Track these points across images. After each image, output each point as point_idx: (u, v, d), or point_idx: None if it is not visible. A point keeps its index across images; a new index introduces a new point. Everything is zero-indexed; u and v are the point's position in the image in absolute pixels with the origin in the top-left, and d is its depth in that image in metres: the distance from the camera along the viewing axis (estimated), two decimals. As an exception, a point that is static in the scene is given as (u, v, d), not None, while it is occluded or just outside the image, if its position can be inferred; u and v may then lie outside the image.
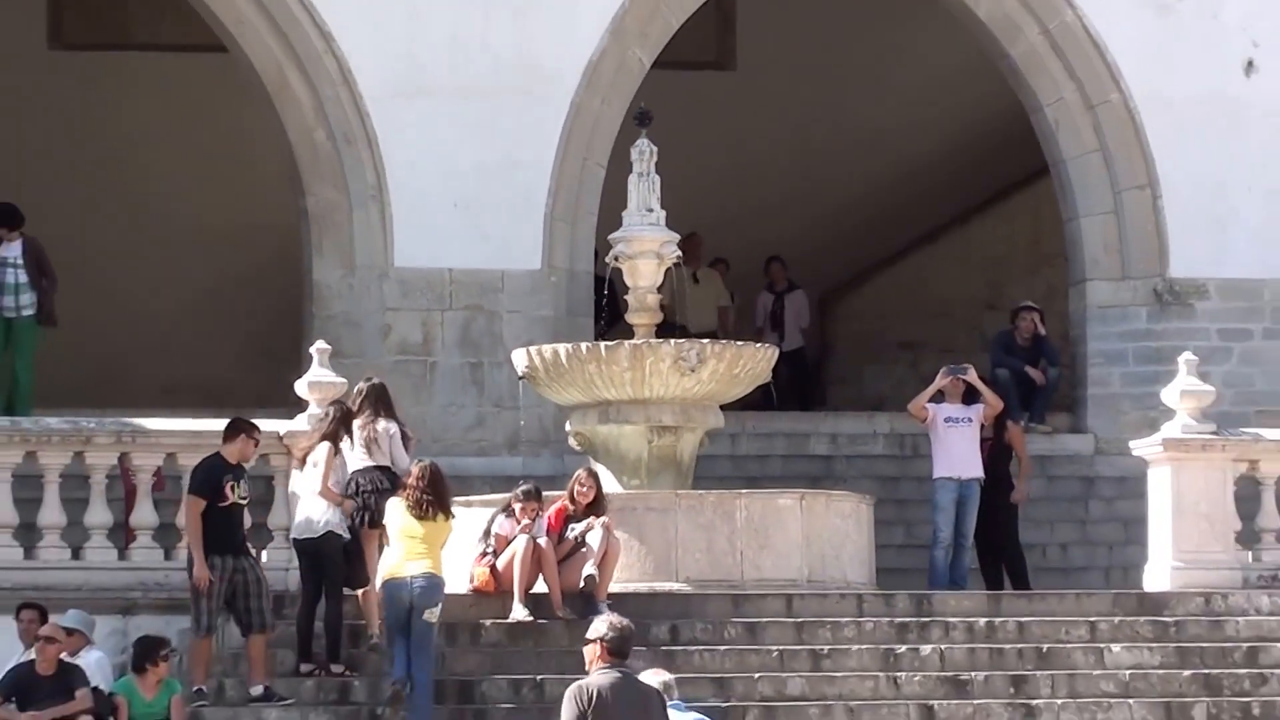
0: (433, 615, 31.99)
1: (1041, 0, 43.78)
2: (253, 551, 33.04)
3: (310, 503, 32.97)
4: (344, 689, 32.79)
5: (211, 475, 32.61)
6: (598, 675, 23.69)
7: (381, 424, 34.16)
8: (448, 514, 32.58)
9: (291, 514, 33.95)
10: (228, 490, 32.44)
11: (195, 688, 30.85)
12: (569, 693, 23.61)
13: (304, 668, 33.01)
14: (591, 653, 23.96)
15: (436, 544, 32.52)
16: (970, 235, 47.63)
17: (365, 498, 33.68)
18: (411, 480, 32.46)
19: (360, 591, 33.76)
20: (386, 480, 33.66)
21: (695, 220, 40.38)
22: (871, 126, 47.80)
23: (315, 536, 33.05)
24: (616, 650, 24.12)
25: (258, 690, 31.46)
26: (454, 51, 41.96)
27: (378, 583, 32.54)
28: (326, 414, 33.85)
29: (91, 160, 45.62)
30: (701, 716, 26.80)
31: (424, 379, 38.90)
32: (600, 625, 24.53)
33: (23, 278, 39.89)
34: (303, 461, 33.47)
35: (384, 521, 32.78)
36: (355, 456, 33.79)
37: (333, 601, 33.12)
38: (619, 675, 23.70)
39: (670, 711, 24.98)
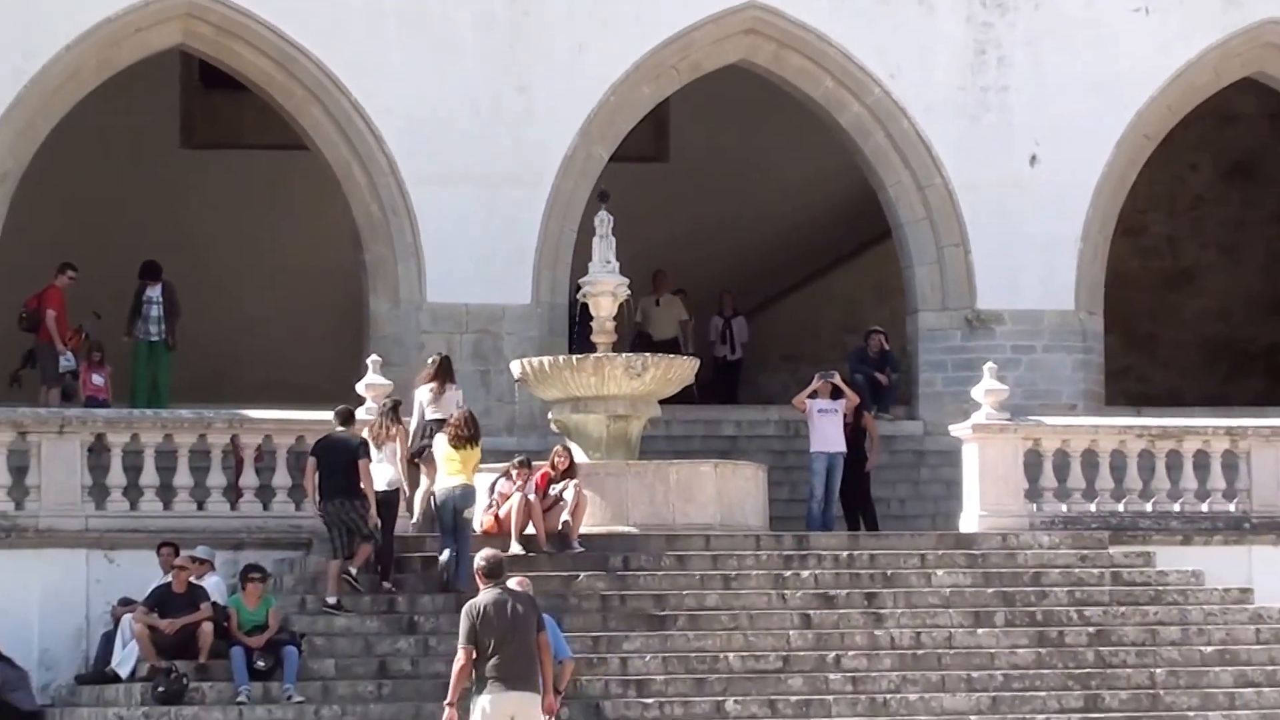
0: (470, 513, 33.82)
1: (885, 111, 43.88)
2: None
3: (381, 469, 33.72)
4: (391, 602, 33.46)
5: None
6: (482, 594, 24.97)
7: (450, 391, 36.06)
8: (477, 445, 33.88)
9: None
10: None
11: (327, 598, 31.74)
12: (463, 610, 25.19)
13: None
14: (478, 578, 25.50)
15: (470, 465, 34.10)
16: (836, 278, 47.61)
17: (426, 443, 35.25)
18: (452, 421, 33.96)
19: None
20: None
21: (642, 267, 40.82)
22: (767, 202, 47.76)
23: (388, 489, 33.92)
24: (490, 574, 25.60)
25: (332, 600, 32.02)
26: (469, 150, 42.02)
27: (431, 493, 34.70)
28: (383, 406, 34.75)
29: (213, 223, 45.52)
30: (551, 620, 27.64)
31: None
32: (478, 559, 25.96)
33: (160, 313, 40.85)
34: (377, 441, 34.04)
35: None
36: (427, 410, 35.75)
37: (388, 536, 33.76)
38: (497, 592, 25.04)
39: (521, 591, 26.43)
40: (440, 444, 34.33)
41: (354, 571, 33.22)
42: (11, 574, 33.28)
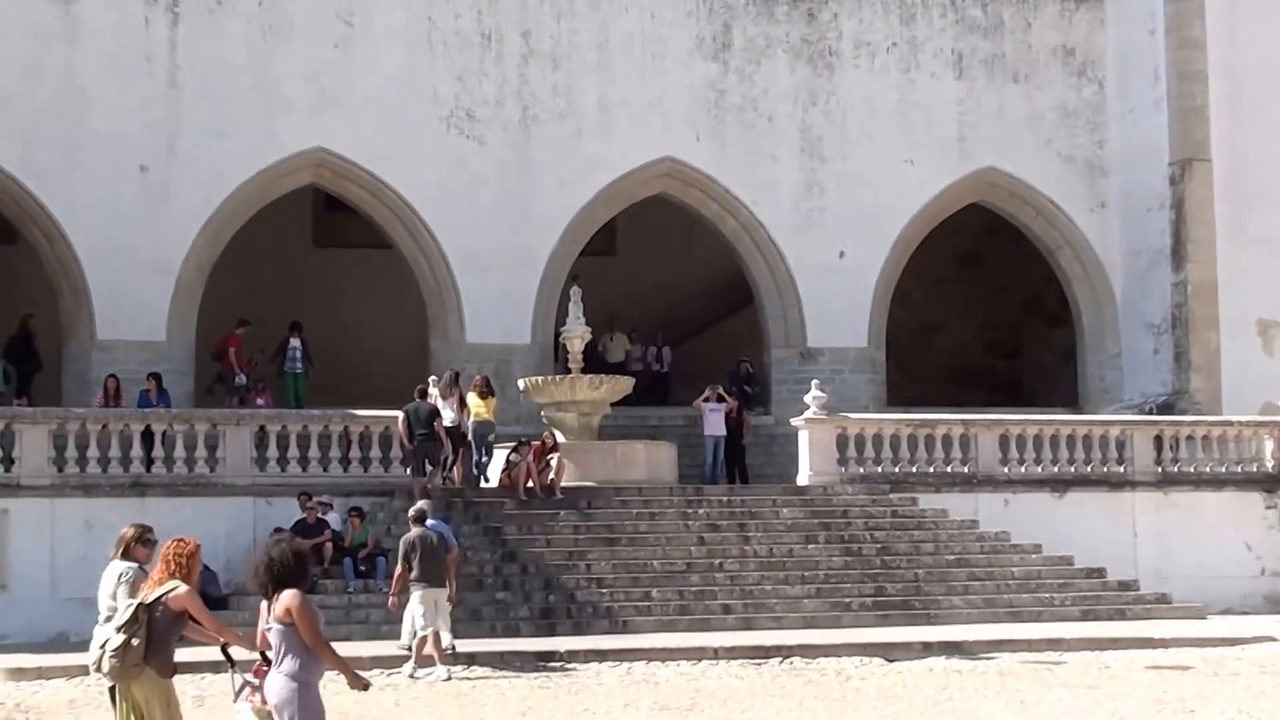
0: (493, 438, 35.10)
1: (750, 225, 43.56)
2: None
3: (446, 414, 34.31)
4: (452, 492, 33.78)
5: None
6: (412, 531, 27.65)
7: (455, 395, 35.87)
8: (494, 397, 35.68)
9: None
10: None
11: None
12: (400, 541, 27.82)
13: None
14: (410, 523, 27.86)
15: (490, 409, 35.39)
16: (725, 327, 47.05)
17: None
18: (476, 382, 35.74)
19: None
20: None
21: (600, 318, 40.56)
22: (679, 278, 47.40)
23: (451, 426, 34.38)
24: (418, 520, 27.90)
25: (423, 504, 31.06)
26: (491, 248, 41.69)
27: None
28: (447, 377, 36.11)
29: (334, 294, 45.32)
30: (444, 525, 29.03)
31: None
32: (411, 511, 28.35)
33: (300, 354, 40.66)
34: (444, 395, 35.36)
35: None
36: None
37: (456, 450, 35.20)
38: (421, 530, 27.64)
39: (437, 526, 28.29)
40: (472, 398, 35.36)
41: (429, 485, 33.55)
42: (206, 513, 33.02)
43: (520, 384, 38.35)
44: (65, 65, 39.96)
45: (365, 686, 13.79)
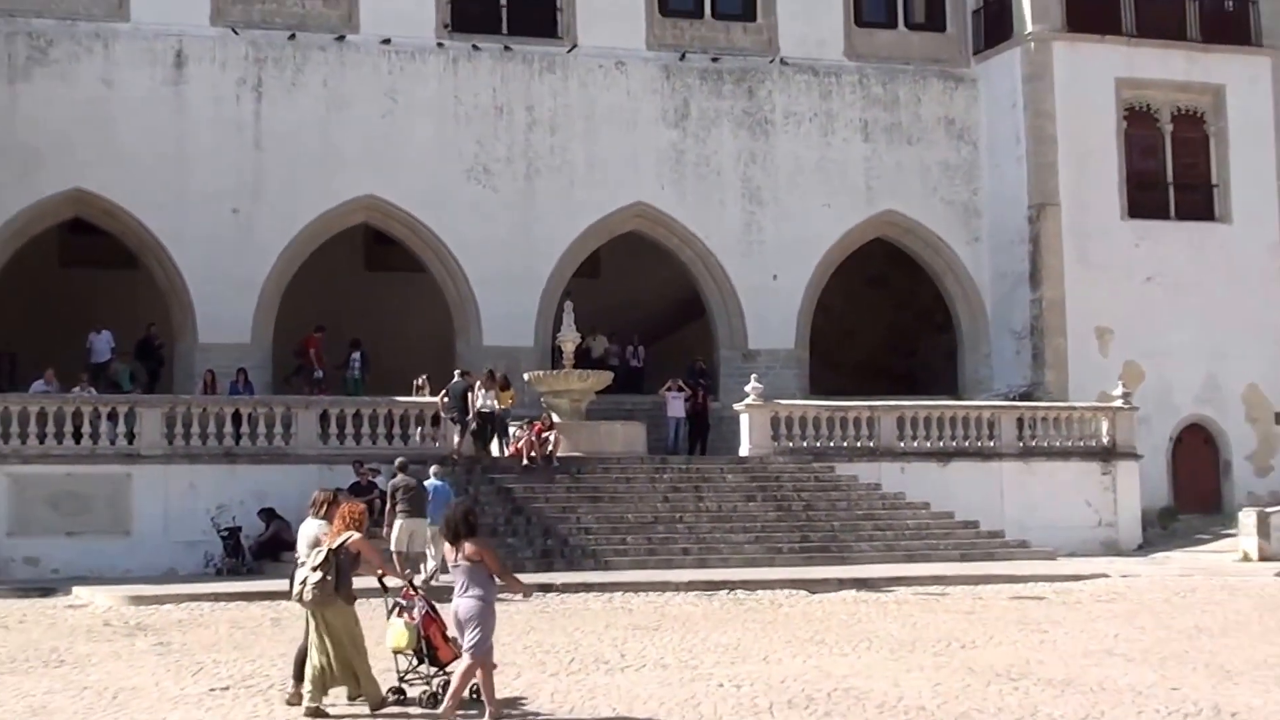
0: (508, 421, 35.50)
1: (703, 253, 43.29)
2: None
3: (484, 400, 34.50)
4: (472, 459, 33.11)
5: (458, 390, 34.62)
6: (397, 478, 28.86)
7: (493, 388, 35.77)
8: (510, 389, 35.56)
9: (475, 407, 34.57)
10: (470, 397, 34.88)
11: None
12: (389, 485, 29.23)
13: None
14: (397, 478, 28.87)
15: (506, 399, 35.16)
16: (683, 333, 46.36)
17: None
18: (498, 378, 35.76)
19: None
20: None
21: (587, 325, 40.25)
22: (649, 294, 46.80)
23: (486, 410, 34.43)
24: (402, 469, 29.23)
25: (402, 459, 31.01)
26: (503, 270, 41.41)
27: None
28: (486, 371, 36.42)
29: (381, 310, 44.98)
30: (445, 485, 29.51)
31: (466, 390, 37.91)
32: (396, 460, 29.95)
33: (360, 364, 40.41)
34: (485, 386, 35.47)
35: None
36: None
37: (488, 428, 35.44)
38: (405, 477, 28.79)
39: (436, 486, 29.03)
40: (492, 390, 35.33)
41: (459, 448, 34.57)
42: (281, 476, 33.14)
43: (525, 376, 38.18)
44: (176, 131, 39.99)
45: (528, 593, 16.42)
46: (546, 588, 27.94)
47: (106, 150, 39.40)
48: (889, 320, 49.15)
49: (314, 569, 14.92)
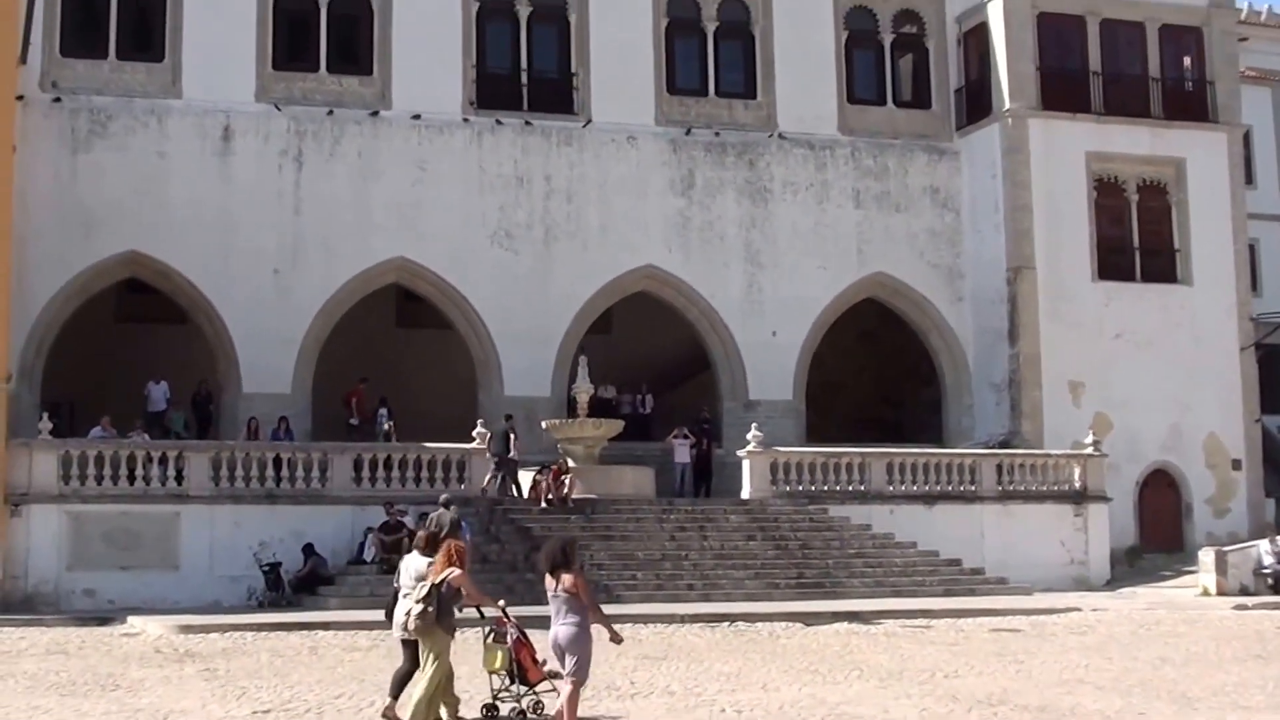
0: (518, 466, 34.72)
1: (707, 312, 43.30)
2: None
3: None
4: (494, 501, 33.07)
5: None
6: (433, 514, 28.28)
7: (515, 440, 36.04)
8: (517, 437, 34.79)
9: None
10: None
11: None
12: (430, 518, 28.54)
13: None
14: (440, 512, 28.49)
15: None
16: (689, 385, 46.08)
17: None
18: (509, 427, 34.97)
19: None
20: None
21: (600, 376, 40.24)
22: (656, 349, 46.66)
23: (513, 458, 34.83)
24: (445, 504, 29.55)
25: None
26: (523, 328, 41.47)
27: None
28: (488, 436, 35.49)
29: (411, 364, 45.11)
30: (465, 524, 29.84)
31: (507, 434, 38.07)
32: (441, 496, 30.23)
33: (388, 416, 40.05)
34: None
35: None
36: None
37: (513, 472, 35.56)
38: (445, 513, 28.44)
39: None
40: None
41: (486, 486, 34.93)
42: (318, 516, 33.44)
43: (544, 424, 38.35)
44: (223, 198, 40.16)
45: (619, 639, 15.04)
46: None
47: (160, 216, 39.63)
48: (879, 374, 49.12)
49: (418, 601, 15.19)
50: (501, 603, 16.40)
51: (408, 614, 15.35)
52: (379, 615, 28.37)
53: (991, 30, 44.68)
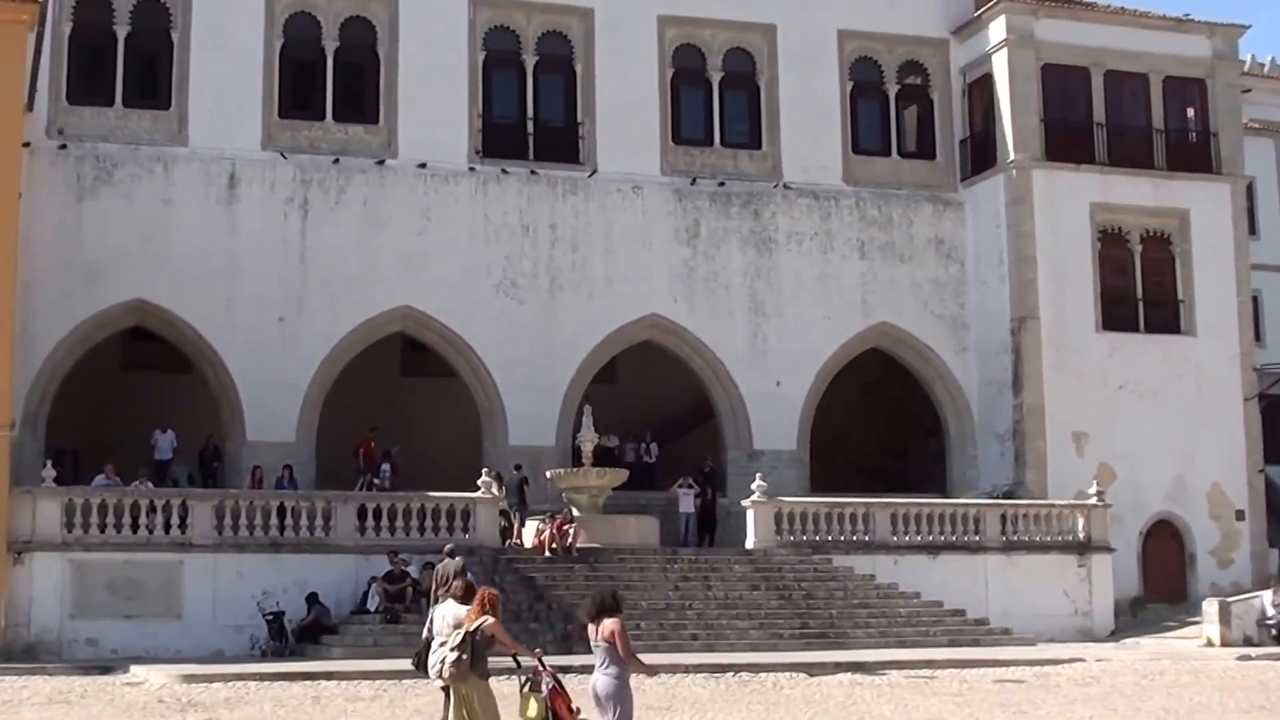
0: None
1: (712, 361, 43.40)
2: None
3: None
4: (499, 550, 33.12)
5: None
6: (439, 564, 28.23)
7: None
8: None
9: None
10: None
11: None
12: (437, 568, 28.74)
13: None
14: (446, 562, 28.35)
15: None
16: (693, 434, 46.19)
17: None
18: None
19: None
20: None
21: (604, 425, 40.13)
22: (661, 399, 46.72)
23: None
24: (450, 554, 29.37)
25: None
26: (527, 378, 41.58)
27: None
28: (515, 477, 37.36)
29: (415, 411, 45.21)
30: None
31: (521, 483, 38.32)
32: (446, 547, 30.16)
33: (390, 473, 40.03)
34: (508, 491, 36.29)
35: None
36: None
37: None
38: (451, 561, 28.02)
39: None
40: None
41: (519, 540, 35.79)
42: (322, 565, 33.42)
43: (548, 474, 38.41)
44: (228, 246, 40.31)
45: (654, 672, 15.73)
46: (564, 669, 27.87)
47: (165, 263, 39.77)
48: (883, 424, 49.16)
49: (452, 649, 15.43)
50: (538, 651, 16.46)
51: (442, 661, 15.63)
52: (382, 665, 28.69)
53: (996, 81, 44.96)
